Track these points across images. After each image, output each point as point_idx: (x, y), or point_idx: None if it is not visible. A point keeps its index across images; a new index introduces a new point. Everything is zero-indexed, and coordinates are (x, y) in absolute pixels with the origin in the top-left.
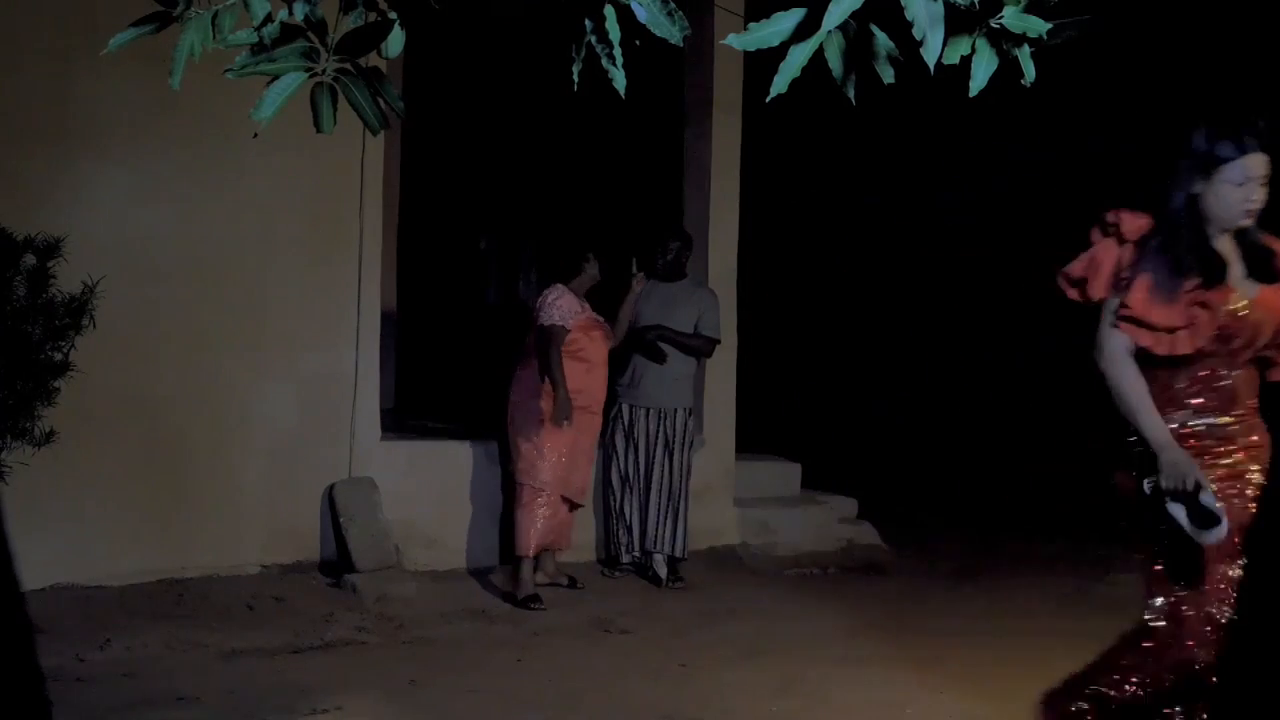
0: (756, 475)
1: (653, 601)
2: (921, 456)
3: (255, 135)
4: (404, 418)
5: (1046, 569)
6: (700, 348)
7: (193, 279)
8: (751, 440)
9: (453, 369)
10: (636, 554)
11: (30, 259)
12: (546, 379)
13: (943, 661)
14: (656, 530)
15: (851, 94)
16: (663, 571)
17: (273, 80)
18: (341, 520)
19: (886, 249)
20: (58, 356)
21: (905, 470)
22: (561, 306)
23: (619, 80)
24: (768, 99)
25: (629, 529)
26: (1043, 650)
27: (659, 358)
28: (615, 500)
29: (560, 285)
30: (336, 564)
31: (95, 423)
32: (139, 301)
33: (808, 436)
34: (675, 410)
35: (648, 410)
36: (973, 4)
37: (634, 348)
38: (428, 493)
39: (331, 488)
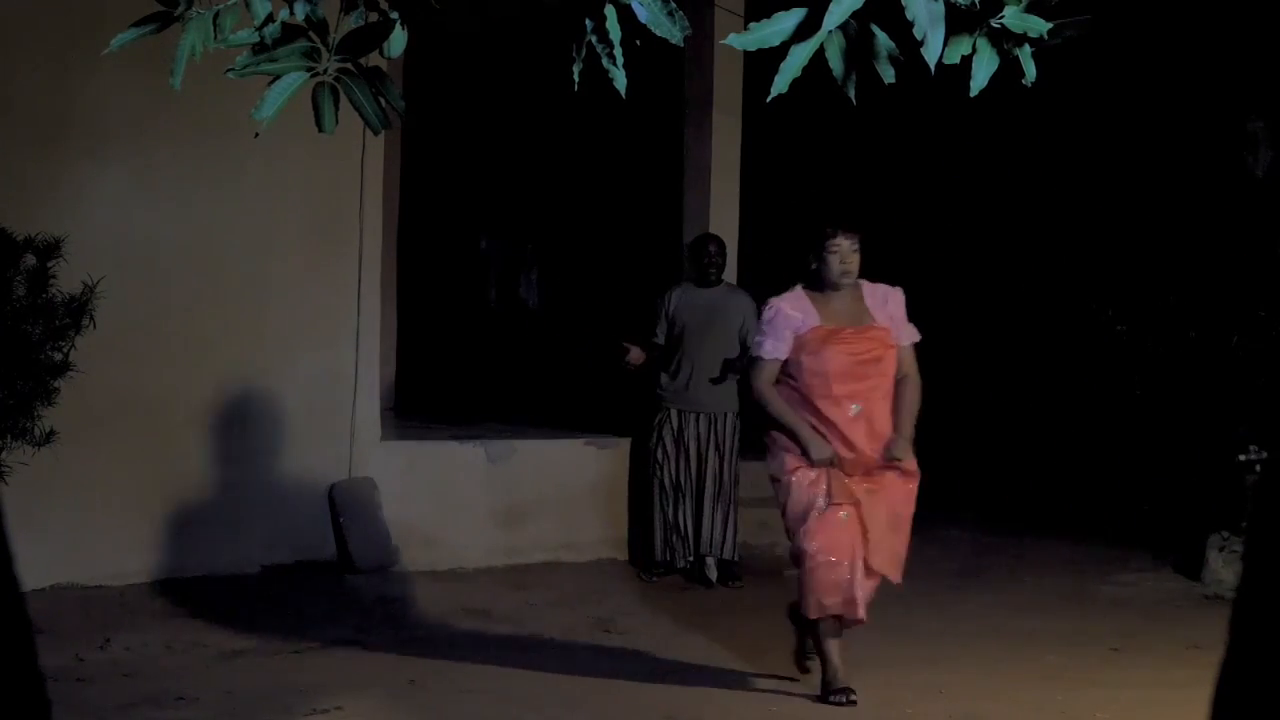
0: (757, 475)
1: (653, 601)
2: (921, 456)
3: (256, 135)
4: (404, 418)
5: (1047, 569)
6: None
7: (193, 279)
8: (752, 440)
9: (453, 369)
10: (690, 559)
11: (30, 259)
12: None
13: (943, 661)
14: (710, 534)
15: (852, 94)
16: (713, 574)
17: (274, 80)
18: (341, 520)
19: (885, 248)
20: (58, 356)
21: None
22: (773, 325)
23: (619, 80)
24: (768, 99)
25: (683, 536)
26: (1043, 650)
27: (720, 373)
28: (668, 508)
29: (797, 290)
30: (336, 564)
31: (95, 423)
32: (139, 301)
33: None
34: (725, 415)
35: (698, 415)
36: (973, 4)
37: (676, 351)
38: (428, 493)
39: (331, 488)
